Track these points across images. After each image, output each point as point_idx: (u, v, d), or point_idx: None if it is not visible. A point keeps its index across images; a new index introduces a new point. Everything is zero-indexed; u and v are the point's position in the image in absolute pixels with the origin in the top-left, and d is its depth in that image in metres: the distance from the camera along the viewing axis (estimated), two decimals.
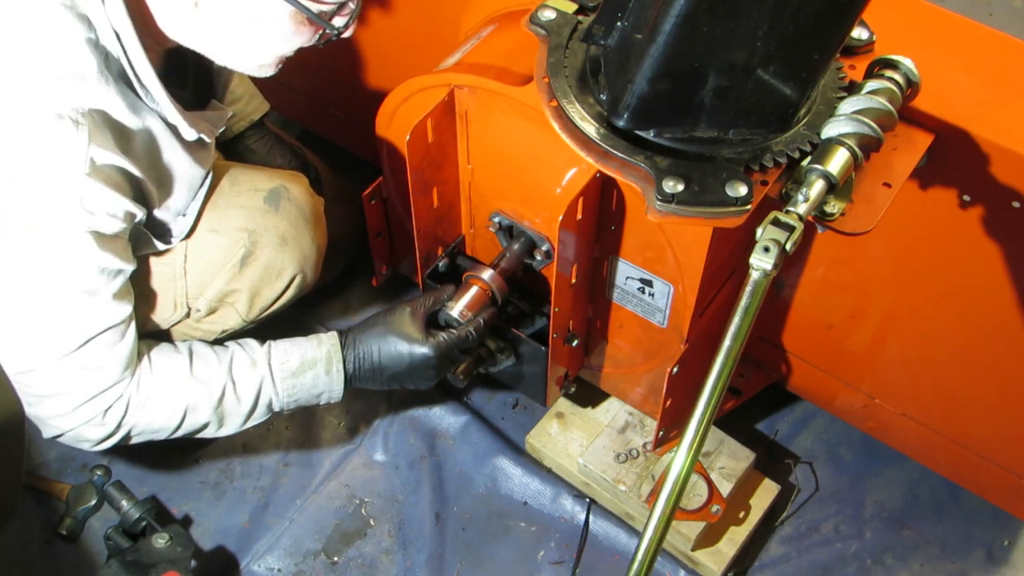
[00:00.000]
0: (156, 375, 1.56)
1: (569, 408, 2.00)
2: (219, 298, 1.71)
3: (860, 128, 1.28)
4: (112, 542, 1.79)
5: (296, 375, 1.63)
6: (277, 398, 1.64)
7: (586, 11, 1.49)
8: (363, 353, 1.65)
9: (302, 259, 1.74)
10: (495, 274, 1.65)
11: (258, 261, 1.70)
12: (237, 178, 1.72)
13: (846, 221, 1.35)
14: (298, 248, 1.73)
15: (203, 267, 1.67)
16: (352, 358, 1.65)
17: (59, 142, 1.33)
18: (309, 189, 1.79)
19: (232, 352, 1.62)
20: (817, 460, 2.05)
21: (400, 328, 1.63)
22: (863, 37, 1.47)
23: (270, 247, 1.70)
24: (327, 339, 1.66)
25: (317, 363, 1.64)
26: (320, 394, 1.67)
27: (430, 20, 1.87)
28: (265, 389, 1.62)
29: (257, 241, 1.68)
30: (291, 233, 1.72)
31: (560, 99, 1.40)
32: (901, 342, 1.75)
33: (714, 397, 1.23)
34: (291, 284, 1.76)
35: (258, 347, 1.65)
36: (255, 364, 1.62)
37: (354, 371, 1.66)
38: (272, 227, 1.70)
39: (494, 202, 1.67)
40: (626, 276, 1.60)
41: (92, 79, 1.35)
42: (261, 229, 1.69)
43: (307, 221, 1.74)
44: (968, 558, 1.93)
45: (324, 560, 1.89)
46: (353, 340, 1.66)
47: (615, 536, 1.91)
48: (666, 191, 1.29)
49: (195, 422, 1.60)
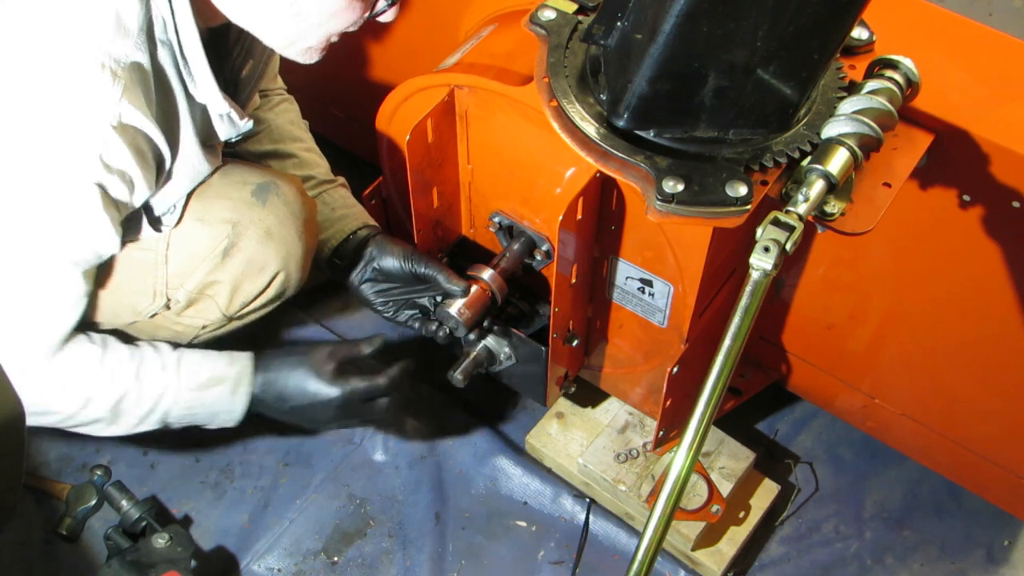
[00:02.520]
0: (67, 358, 1.53)
1: (569, 408, 2.00)
2: (199, 289, 1.67)
3: (860, 128, 1.28)
4: (112, 542, 1.79)
5: (202, 388, 1.61)
6: (176, 406, 1.61)
7: (586, 11, 1.49)
8: (272, 379, 1.65)
9: (286, 255, 1.69)
10: (495, 274, 1.65)
11: (241, 253, 1.65)
12: (229, 171, 1.68)
13: (846, 221, 1.35)
14: (283, 244, 1.68)
15: (185, 257, 1.63)
16: (260, 382, 1.65)
17: (94, 89, 1.31)
18: (301, 189, 1.75)
19: (144, 352, 1.60)
20: (817, 460, 2.05)
21: (314, 364, 1.65)
22: (863, 37, 1.47)
23: (254, 240, 1.65)
24: (241, 359, 1.66)
25: (225, 381, 1.63)
26: (218, 413, 1.65)
27: (430, 20, 1.87)
28: (167, 396, 1.59)
29: (241, 233, 1.64)
30: (277, 228, 1.66)
31: (560, 99, 1.40)
32: (901, 342, 1.75)
33: (714, 397, 1.23)
34: (274, 280, 1.70)
35: (170, 352, 1.62)
36: (164, 368, 1.59)
37: (258, 396, 1.66)
38: (257, 220, 1.65)
39: (494, 202, 1.67)
40: (626, 276, 1.60)
41: (137, 37, 1.34)
42: (246, 221, 1.64)
43: (295, 218, 1.69)
44: (968, 558, 1.93)
45: (324, 560, 1.89)
46: (266, 365, 1.66)
47: (615, 536, 1.91)
48: (666, 191, 1.29)
49: (89, 415, 1.57)
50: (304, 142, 1.88)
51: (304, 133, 1.91)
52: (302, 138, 1.89)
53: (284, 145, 1.85)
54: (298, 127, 1.89)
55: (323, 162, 1.89)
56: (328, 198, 1.79)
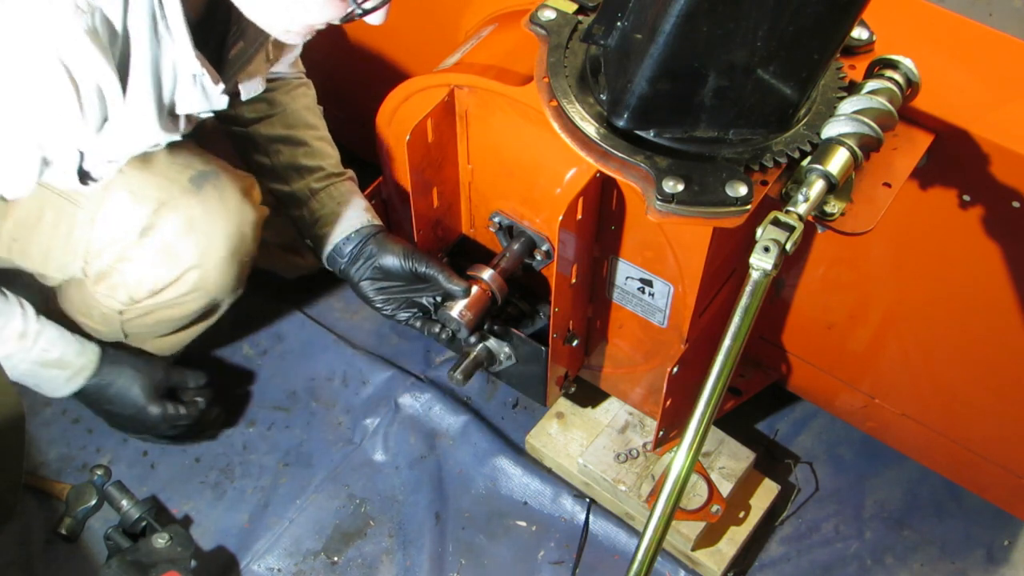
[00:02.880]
0: None
1: (569, 408, 2.00)
2: (112, 263, 1.64)
3: (860, 128, 1.28)
4: (112, 542, 1.79)
5: (45, 367, 1.65)
6: (13, 369, 1.63)
7: (586, 11, 1.49)
8: (106, 384, 1.73)
9: (205, 252, 1.63)
10: (495, 274, 1.65)
11: (158, 236, 1.61)
12: (180, 150, 1.63)
13: (846, 221, 1.35)
14: (204, 238, 1.62)
15: (110, 224, 1.61)
16: (95, 382, 1.72)
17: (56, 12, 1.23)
18: (249, 191, 1.69)
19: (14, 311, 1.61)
20: (817, 460, 2.05)
21: (146, 383, 1.77)
22: (863, 37, 1.47)
23: (174, 227, 1.60)
24: (89, 352, 1.70)
25: (67, 368, 1.67)
26: (43, 387, 1.71)
27: (430, 20, 1.87)
28: (12, 359, 1.62)
29: (164, 217, 1.60)
30: (201, 221, 1.61)
31: (560, 99, 1.40)
32: (901, 342, 1.75)
33: (714, 397, 1.23)
34: (186, 274, 1.64)
35: (35, 322, 1.63)
36: (23, 336, 1.62)
37: (86, 391, 1.71)
38: (183, 207, 1.60)
39: (494, 202, 1.67)
40: (626, 276, 1.60)
41: None
42: (172, 205, 1.60)
43: (226, 216, 1.63)
44: (968, 558, 1.93)
45: (324, 560, 1.89)
46: (107, 367, 1.72)
47: (615, 536, 1.91)
48: (666, 191, 1.29)
49: None
50: (317, 130, 1.84)
51: (318, 120, 1.87)
52: (316, 126, 1.85)
53: (297, 131, 1.82)
54: (313, 114, 1.85)
55: (334, 152, 1.85)
56: (334, 192, 1.77)
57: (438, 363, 2.16)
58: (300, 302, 2.25)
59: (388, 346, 2.18)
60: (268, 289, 2.26)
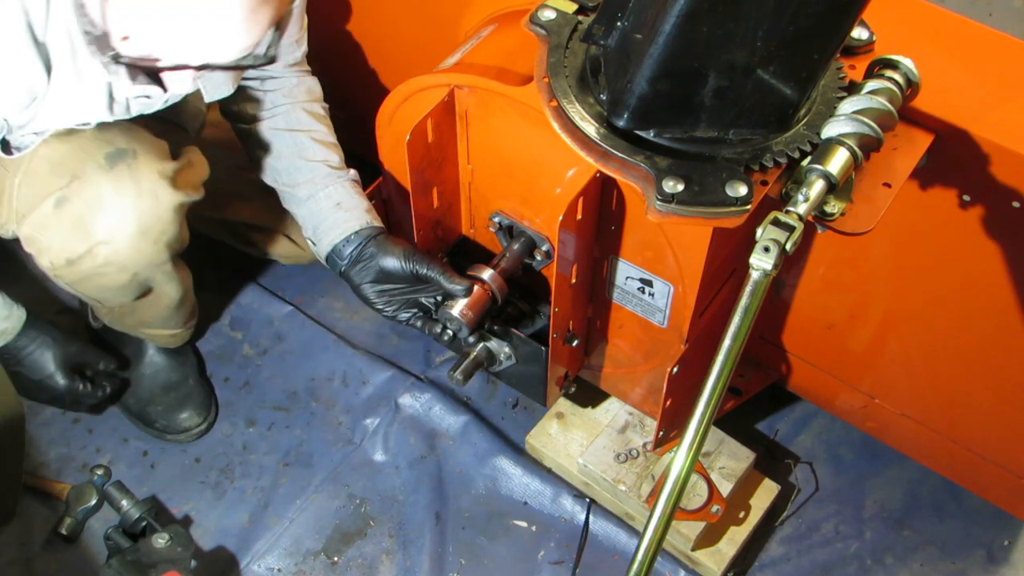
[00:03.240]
0: None
1: (569, 408, 2.00)
2: (33, 230, 1.66)
3: (860, 128, 1.28)
4: (112, 542, 1.79)
5: None
6: None
7: (586, 11, 1.49)
8: (25, 352, 1.80)
9: (113, 229, 1.63)
10: (495, 274, 1.65)
11: (71, 209, 1.62)
12: (110, 129, 1.64)
13: (846, 221, 1.35)
14: (112, 216, 1.63)
15: (31, 192, 1.63)
16: (15, 346, 1.77)
17: None
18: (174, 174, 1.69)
19: None
20: (817, 460, 2.05)
21: (63, 356, 1.83)
22: (863, 37, 1.47)
23: (85, 202, 1.62)
24: (15, 317, 1.77)
25: None
26: None
27: (430, 20, 1.87)
28: None
29: (77, 191, 1.61)
30: (111, 198, 1.62)
31: (560, 99, 1.40)
32: (901, 342, 1.75)
33: (714, 397, 1.23)
34: (96, 248, 1.65)
35: None
36: None
37: (4, 348, 1.78)
38: (95, 183, 1.62)
39: (494, 202, 1.67)
40: (626, 276, 1.60)
41: None
42: (85, 180, 1.61)
43: (138, 196, 1.64)
44: (968, 558, 1.93)
45: (324, 560, 1.89)
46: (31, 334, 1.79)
47: (615, 536, 1.91)
48: (666, 191, 1.29)
49: None
50: (319, 130, 1.83)
51: (322, 120, 1.85)
52: (318, 125, 1.84)
53: (298, 131, 1.81)
54: (315, 114, 1.84)
55: (337, 152, 1.84)
56: (334, 192, 1.76)
57: (438, 363, 2.16)
58: (300, 302, 2.25)
59: (388, 346, 2.19)
60: (268, 289, 2.26)
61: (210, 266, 2.27)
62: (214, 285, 2.25)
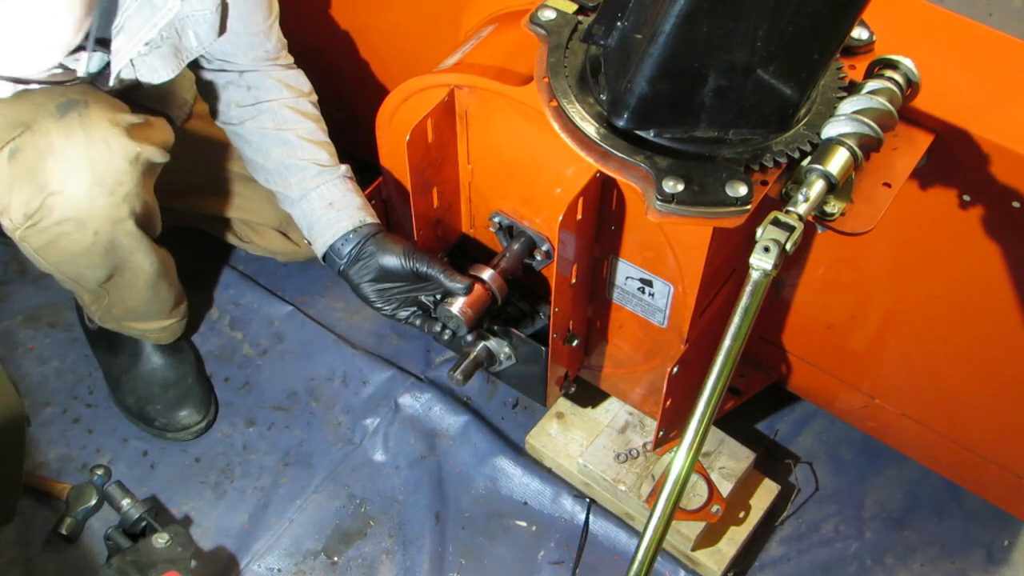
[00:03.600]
0: None
1: (569, 408, 2.00)
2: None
3: (860, 128, 1.28)
4: (112, 542, 1.79)
5: None
6: None
7: (586, 11, 1.49)
8: None
9: (64, 177, 1.62)
10: (495, 274, 1.65)
11: (24, 160, 1.62)
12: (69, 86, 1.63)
13: (846, 221, 1.35)
14: (64, 163, 1.62)
15: None
16: None
17: None
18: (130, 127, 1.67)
19: None
20: (817, 460, 2.05)
21: None
22: (863, 37, 1.47)
23: (35, 150, 1.62)
24: None
25: None
26: None
27: (430, 20, 1.87)
28: None
29: (28, 141, 1.62)
30: (62, 146, 1.61)
31: (560, 99, 1.40)
32: (901, 342, 1.75)
33: (714, 397, 1.23)
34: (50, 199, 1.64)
35: None
36: None
37: None
38: (45, 132, 1.61)
39: (494, 202, 1.67)
40: (626, 276, 1.60)
41: None
42: (35, 130, 1.61)
43: (88, 144, 1.63)
44: (968, 558, 1.93)
45: (324, 560, 1.89)
46: None
47: (615, 536, 1.91)
48: (666, 191, 1.29)
49: None
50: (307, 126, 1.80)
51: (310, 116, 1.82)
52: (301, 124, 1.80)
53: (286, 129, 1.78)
54: (300, 110, 1.81)
55: (328, 148, 1.80)
56: (326, 191, 1.74)
57: (438, 363, 2.16)
58: (300, 302, 2.25)
59: (388, 346, 2.19)
60: (268, 289, 2.26)
61: (210, 265, 2.28)
62: (214, 285, 2.25)
